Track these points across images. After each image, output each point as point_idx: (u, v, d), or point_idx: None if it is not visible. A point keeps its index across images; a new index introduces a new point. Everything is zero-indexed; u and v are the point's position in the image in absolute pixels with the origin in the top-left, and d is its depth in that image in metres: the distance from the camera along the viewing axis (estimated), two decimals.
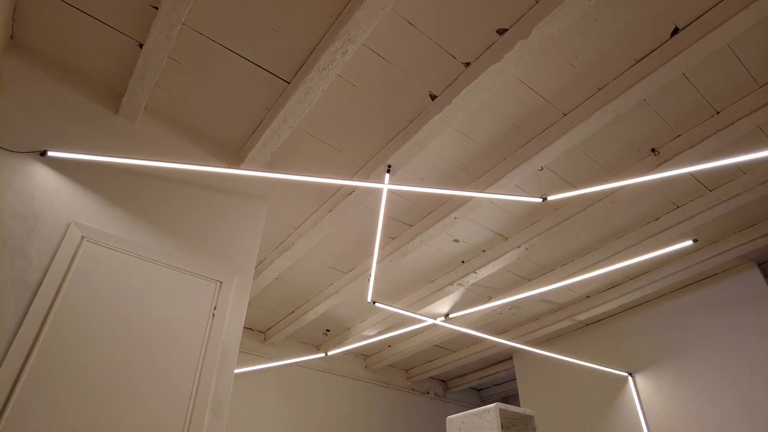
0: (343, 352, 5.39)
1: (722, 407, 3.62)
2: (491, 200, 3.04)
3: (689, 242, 3.38)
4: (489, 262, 3.62)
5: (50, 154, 2.09)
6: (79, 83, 2.35)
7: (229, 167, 2.54)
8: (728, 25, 2.03)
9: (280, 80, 2.36)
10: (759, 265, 3.83)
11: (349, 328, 4.84)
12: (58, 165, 2.11)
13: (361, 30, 2.00)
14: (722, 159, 2.64)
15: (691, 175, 3.00)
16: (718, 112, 2.57)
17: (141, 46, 2.21)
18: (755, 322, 3.65)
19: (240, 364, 4.60)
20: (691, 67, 2.28)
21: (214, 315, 2.25)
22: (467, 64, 2.28)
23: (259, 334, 4.88)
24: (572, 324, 4.75)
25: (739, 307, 3.78)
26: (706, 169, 2.90)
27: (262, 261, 3.67)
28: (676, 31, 2.17)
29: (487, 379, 6.04)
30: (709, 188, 3.10)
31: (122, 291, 2.02)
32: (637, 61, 2.30)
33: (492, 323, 4.79)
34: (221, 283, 2.35)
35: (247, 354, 4.71)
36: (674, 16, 2.12)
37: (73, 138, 2.22)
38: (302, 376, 5.05)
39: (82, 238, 2.01)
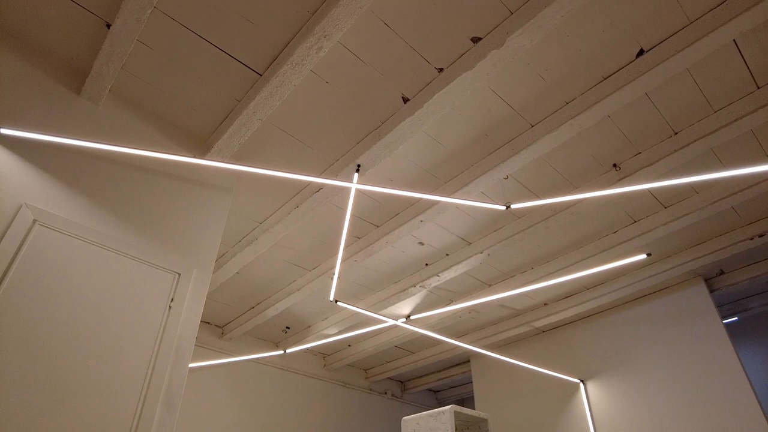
0: (302, 350, 5.35)
1: (665, 415, 3.78)
2: (457, 205, 3.08)
3: (643, 256, 3.51)
4: (452, 266, 3.67)
5: (3, 131, 1.99)
6: (40, 60, 2.25)
7: (194, 157, 2.48)
8: (688, 51, 2.12)
9: (252, 72, 2.33)
10: (706, 280, 4.02)
11: (309, 327, 4.81)
12: (12, 144, 2.02)
13: (337, 28, 1.99)
14: (678, 178, 2.75)
15: (649, 191, 3.12)
16: (676, 133, 2.68)
17: (109, 26, 2.14)
18: (699, 334, 3.83)
19: (196, 359, 4.50)
20: (654, 88, 2.37)
21: (170, 307, 2.20)
22: (440, 70, 2.31)
23: (217, 328, 4.79)
24: (529, 330, 4.87)
25: (686, 320, 3.96)
26: (662, 186, 3.02)
27: (223, 254, 3.60)
28: (641, 52, 2.25)
29: (445, 381, 6.11)
30: (665, 205, 3.23)
31: (74, 279, 1.94)
32: (604, 78, 2.37)
33: (452, 326, 4.85)
34: (180, 275, 2.30)
35: (203, 348, 4.61)
36: (640, 38, 2.20)
37: (29, 116, 2.12)
38: (259, 372, 4.99)
39: (34, 221, 1.92)
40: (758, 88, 2.43)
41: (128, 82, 2.39)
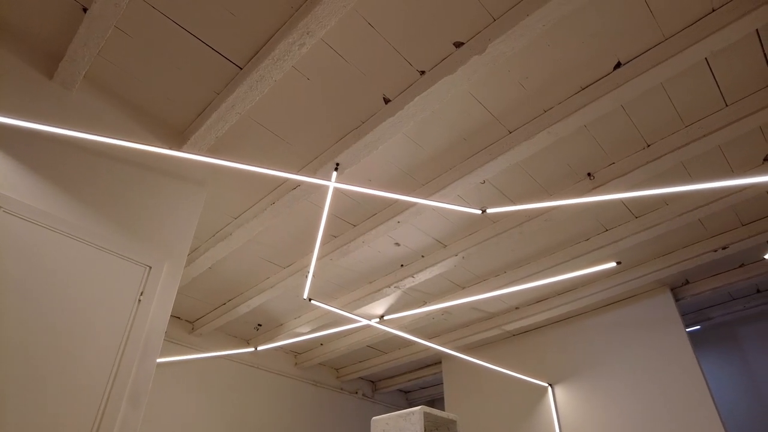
0: (273, 347, 5.30)
1: (629, 419, 3.88)
2: (434, 208, 3.10)
3: (613, 264, 3.59)
4: (427, 268, 3.69)
5: None
6: (10, 40, 2.18)
7: (170, 149, 2.43)
8: (663, 66, 2.18)
9: (233, 65, 2.30)
10: (672, 289, 4.14)
11: (281, 324, 4.77)
12: None
13: (320, 25, 1.98)
14: (649, 189, 2.82)
15: (621, 201, 3.19)
16: (649, 145, 2.75)
17: (85, 10, 2.08)
18: (664, 342, 3.94)
19: (164, 354, 4.42)
20: (629, 100, 2.43)
21: (140, 301, 2.15)
22: (422, 72, 2.32)
23: (187, 323, 4.71)
24: (500, 333, 4.93)
25: (652, 328, 4.07)
26: (634, 197, 3.10)
27: (196, 249, 3.55)
28: (618, 65, 2.30)
29: (416, 381, 6.14)
30: (636, 215, 3.32)
31: (40, 269, 1.89)
32: (582, 89, 2.42)
33: (424, 327, 4.88)
34: (150, 268, 2.25)
35: (172, 343, 4.53)
36: (618, 51, 2.25)
37: None
38: (229, 369, 4.92)
39: None
40: (727, 105, 2.52)
41: (104, 68, 2.33)
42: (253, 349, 4.90)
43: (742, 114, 2.47)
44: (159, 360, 4.34)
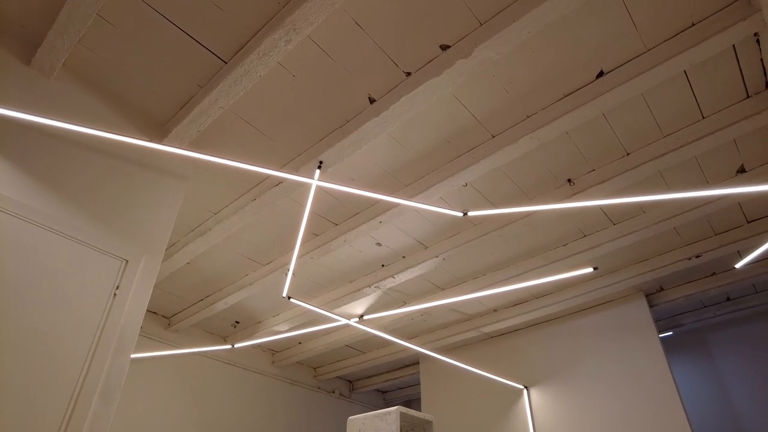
0: (251, 345, 5.26)
1: (602, 423, 3.94)
2: (416, 209, 3.11)
3: (590, 269, 3.65)
4: (407, 268, 3.70)
5: None
6: None
7: (151, 141, 2.39)
8: (644, 76, 2.23)
9: (217, 59, 2.27)
10: (647, 296, 4.22)
11: (260, 322, 4.73)
12: None
13: (307, 22, 1.97)
14: (627, 197, 2.87)
15: (600, 208, 3.25)
16: (628, 154, 2.80)
17: None
18: (638, 347, 4.02)
19: (139, 349, 4.35)
20: (611, 109, 2.48)
21: (115, 295, 2.11)
22: (408, 74, 2.32)
23: (164, 319, 4.64)
24: (478, 335, 4.97)
25: (626, 333, 4.14)
26: (613, 203, 3.15)
27: (174, 243, 3.50)
28: (601, 74, 2.34)
29: (393, 382, 6.15)
30: (614, 222, 3.38)
31: (12, 260, 1.84)
32: (565, 96, 2.45)
33: (403, 328, 4.89)
34: (127, 262, 2.21)
35: (148, 339, 4.46)
36: (602, 60, 2.29)
37: None
38: (205, 366, 4.87)
39: None
40: (703, 117, 2.58)
41: (85, 57, 2.28)
42: (230, 346, 4.85)
43: (717, 127, 2.53)
44: (134, 355, 4.27)
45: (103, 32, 2.17)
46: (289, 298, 3.55)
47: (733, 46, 2.24)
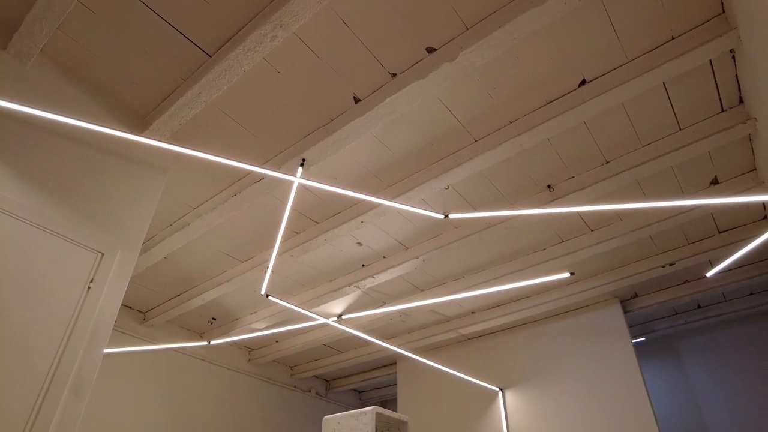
0: (227, 342, 5.21)
1: (575, 425, 4.01)
2: (398, 210, 3.12)
3: (567, 275, 3.70)
4: (388, 269, 3.70)
5: None
6: None
7: (131, 132, 2.35)
8: (624, 87, 2.28)
9: (202, 52, 2.25)
10: (621, 302, 4.30)
11: (237, 319, 4.69)
12: None
13: (294, 19, 1.96)
14: (605, 204, 2.93)
15: (578, 214, 3.30)
16: (607, 162, 2.86)
17: None
18: (612, 352, 4.09)
19: (113, 344, 4.27)
20: (591, 117, 2.52)
21: (89, 288, 2.07)
22: (394, 75, 2.33)
23: (139, 314, 4.57)
24: (456, 336, 5.00)
25: (600, 338, 4.22)
26: (591, 210, 3.21)
27: (152, 237, 3.44)
28: (583, 82, 2.38)
29: (370, 382, 6.15)
30: (592, 228, 3.43)
31: None
32: (548, 103, 2.49)
33: (381, 328, 4.90)
34: (103, 254, 2.17)
35: (122, 334, 4.38)
36: (584, 69, 2.33)
37: None
38: (180, 363, 4.80)
39: None
40: (680, 129, 2.64)
41: (64, 44, 2.23)
42: (206, 342, 4.79)
43: (693, 139, 2.60)
44: (107, 350, 4.19)
45: (84, 19, 2.12)
46: (267, 295, 3.53)
47: (710, 61, 2.30)
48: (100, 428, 4.00)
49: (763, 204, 3.22)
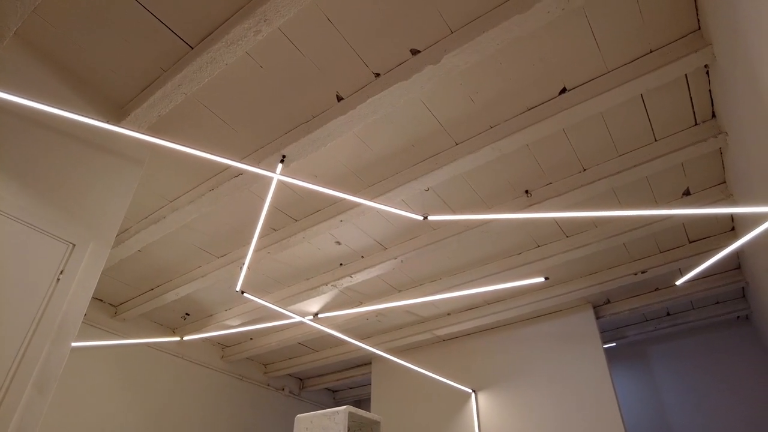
0: (200, 338, 5.14)
1: (546, 428, 4.06)
2: (377, 210, 3.12)
3: (541, 279, 3.75)
4: (365, 269, 3.70)
5: None
6: None
7: (107, 122, 2.30)
8: (603, 96, 2.32)
9: (183, 43, 2.21)
10: (594, 307, 4.38)
11: (211, 315, 4.63)
12: None
13: (279, 14, 1.94)
14: (581, 211, 2.97)
15: (555, 220, 3.35)
16: (584, 170, 2.91)
17: None
18: (583, 356, 4.17)
19: (82, 337, 4.17)
20: (570, 125, 2.56)
21: (59, 280, 2.02)
22: (377, 75, 2.33)
23: (110, 307, 4.47)
24: (431, 338, 5.02)
25: (573, 342, 4.29)
26: (567, 217, 3.26)
27: (126, 230, 3.38)
28: (563, 90, 2.42)
29: (344, 381, 6.14)
30: (567, 234, 3.49)
31: None
32: (528, 109, 2.52)
33: (357, 328, 4.89)
34: (74, 246, 2.12)
35: (92, 327, 4.28)
36: (565, 77, 2.36)
37: None
38: (152, 358, 4.72)
39: None
40: (656, 140, 2.70)
41: (40, 28, 2.17)
42: (178, 338, 4.72)
43: (667, 150, 2.66)
44: (76, 344, 4.09)
45: (62, 4, 2.07)
46: (242, 292, 3.50)
47: (686, 75, 2.36)
48: (67, 424, 3.90)
49: (731, 216, 3.32)
